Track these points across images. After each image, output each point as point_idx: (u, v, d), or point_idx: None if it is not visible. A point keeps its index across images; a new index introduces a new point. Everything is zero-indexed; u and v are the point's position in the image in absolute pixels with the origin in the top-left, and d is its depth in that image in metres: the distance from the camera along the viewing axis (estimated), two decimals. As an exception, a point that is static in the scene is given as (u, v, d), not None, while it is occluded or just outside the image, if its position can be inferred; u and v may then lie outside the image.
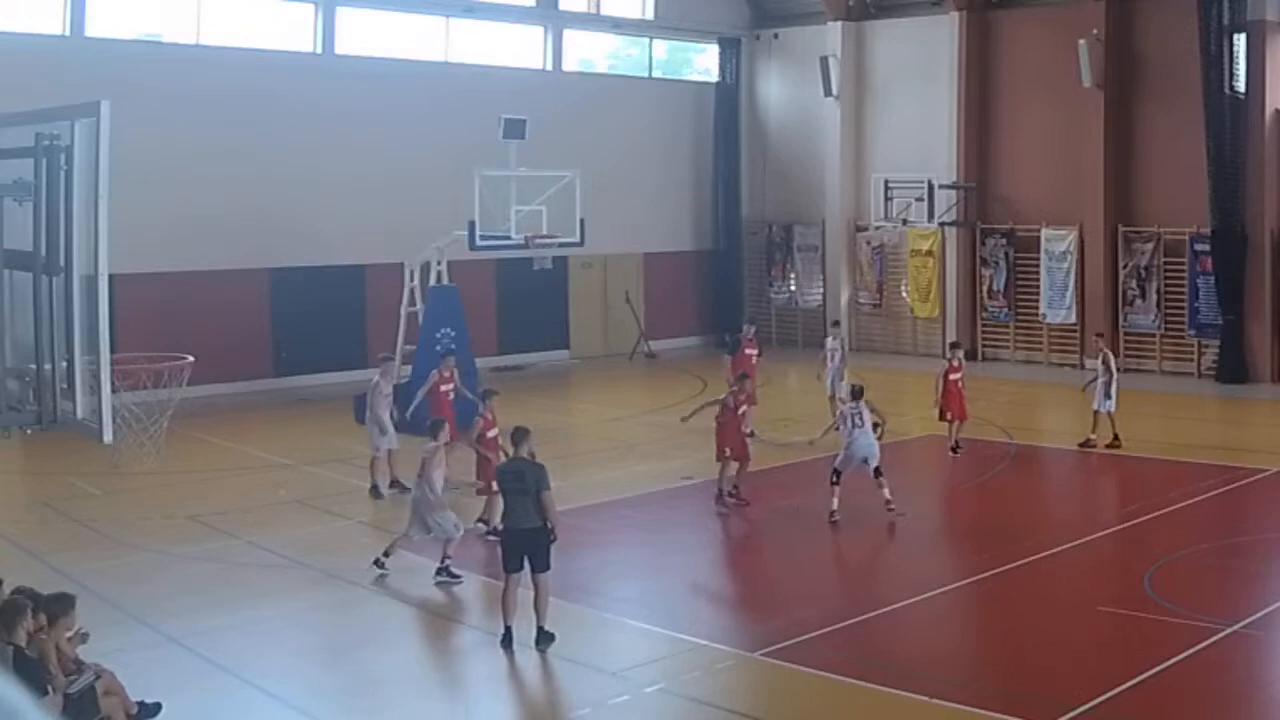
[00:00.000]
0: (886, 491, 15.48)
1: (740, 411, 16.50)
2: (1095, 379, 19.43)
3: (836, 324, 24.83)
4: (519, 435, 11.88)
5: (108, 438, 6.93)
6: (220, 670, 10.94)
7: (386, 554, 13.48)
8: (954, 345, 21.18)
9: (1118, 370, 19.58)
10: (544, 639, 11.31)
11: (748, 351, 20.92)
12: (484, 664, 11.53)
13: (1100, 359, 19.49)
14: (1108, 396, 19.13)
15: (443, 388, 17.61)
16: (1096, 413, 19.35)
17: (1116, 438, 19.23)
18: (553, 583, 11.44)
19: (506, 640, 11.37)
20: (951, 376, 19.54)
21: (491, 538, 14.05)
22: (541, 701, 10.73)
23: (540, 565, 11.34)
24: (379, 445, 17.03)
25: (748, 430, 18.99)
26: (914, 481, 18.65)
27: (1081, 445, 19.44)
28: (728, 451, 16.15)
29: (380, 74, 26.94)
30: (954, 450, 19.35)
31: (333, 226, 26.15)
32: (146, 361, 17.13)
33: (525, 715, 10.69)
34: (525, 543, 11.35)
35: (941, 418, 19.50)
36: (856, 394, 16.14)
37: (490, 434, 15.03)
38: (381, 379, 17.47)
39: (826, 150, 31.56)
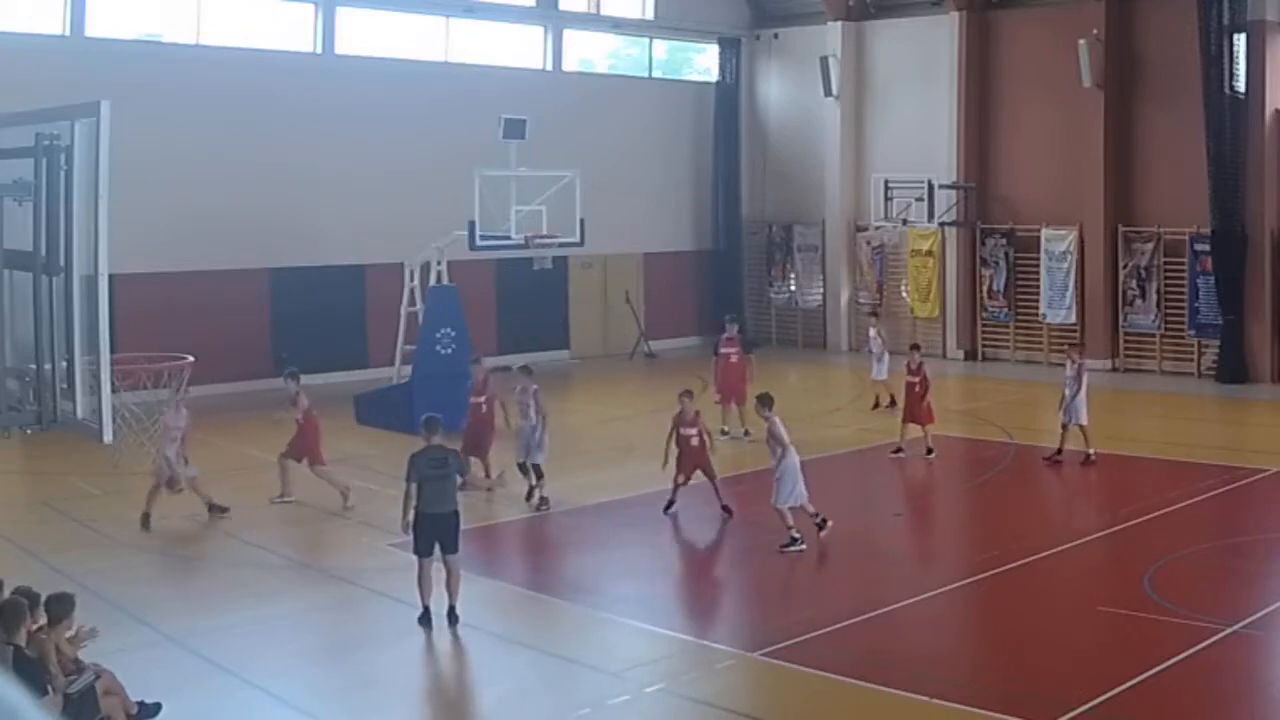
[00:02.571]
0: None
1: (694, 433, 15.66)
2: (1076, 392, 18.30)
3: (872, 314, 25.70)
4: (431, 424, 12.30)
5: (108, 438, 6.93)
6: (220, 670, 10.94)
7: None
8: (912, 347, 20.43)
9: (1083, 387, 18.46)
10: (455, 618, 11.87)
11: (724, 351, 20.61)
12: (483, 664, 11.54)
13: (1075, 369, 18.53)
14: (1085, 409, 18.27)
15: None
16: (1076, 427, 18.42)
17: (1068, 449, 18.54)
18: (550, 582, 11.45)
19: (424, 619, 11.87)
20: (907, 379, 19.16)
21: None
22: (542, 701, 10.72)
23: (451, 548, 11.92)
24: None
25: (723, 429, 19.29)
26: (914, 481, 18.67)
27: (1049, 459, 18.53)
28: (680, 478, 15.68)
29: (380, 74, 26.94)
30: (928, 453, 18.73)
31: (333, 226, 26.16)
32: (146, 361, 17.12)
33: (525, 715, 10.68)
34: (439, 527, 11.87)
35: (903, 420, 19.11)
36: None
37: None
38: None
39: (826, 150, 31.56)
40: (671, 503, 15.73)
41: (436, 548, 11.91)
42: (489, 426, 17.26)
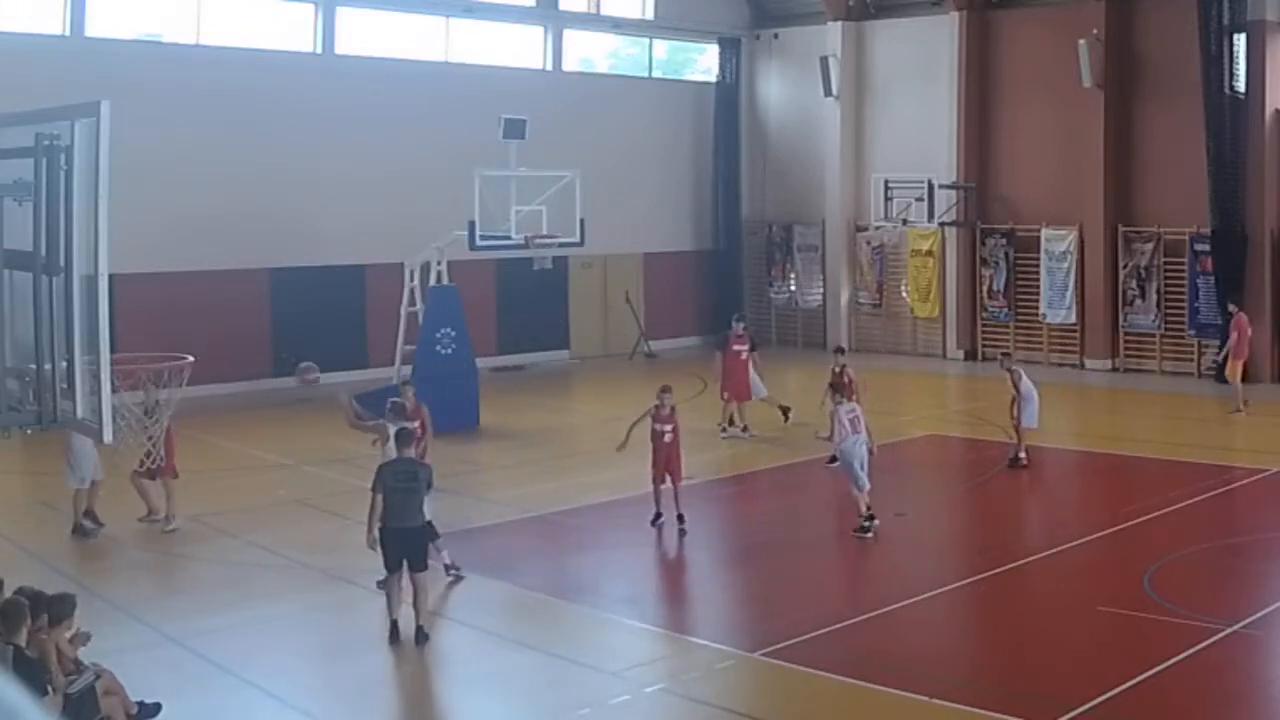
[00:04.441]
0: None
1: (669, 430, 15.14)
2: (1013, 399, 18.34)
3: (739, 318, 23.01)
4: (403, 436, 12.10)
5: (108, 438, 6.91)
6: (220, 670, 10.95)
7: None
8: (835, 350, 20.12)
9: (1023, 393, 18.26)
10: (423, 637, 11.53)
11: (735, 348, 20.66)
12: (484, 664, 11.53)
13: (1010, 379, 18.43)
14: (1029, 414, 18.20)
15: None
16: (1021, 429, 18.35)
17: (1017, 459, 18.38)
18: (552, 583, 11.45)
19: (393, 635, 11.56)
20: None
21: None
22: (542, 701, 10.72)
23: (418, 565, 11.60)
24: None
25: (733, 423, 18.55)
26: (914, 481, 18.65)
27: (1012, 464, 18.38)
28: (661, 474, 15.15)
29: (380, 74, 26.94)
30: (831, 461, 18.13)
31: (333, 226, 26.16)
32: (146, 361, 17.10)
33: (525, 715, 10.69)
34: (408, 541, 11.58)
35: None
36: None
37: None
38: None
39: (826, 150, 31.56)
40: (658, 515, 15.18)
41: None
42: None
